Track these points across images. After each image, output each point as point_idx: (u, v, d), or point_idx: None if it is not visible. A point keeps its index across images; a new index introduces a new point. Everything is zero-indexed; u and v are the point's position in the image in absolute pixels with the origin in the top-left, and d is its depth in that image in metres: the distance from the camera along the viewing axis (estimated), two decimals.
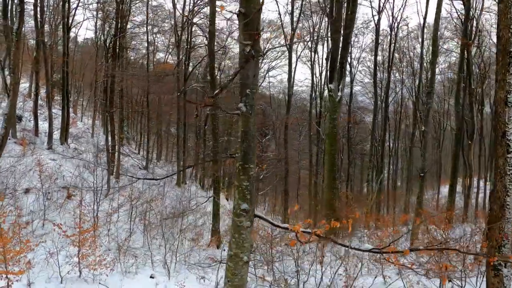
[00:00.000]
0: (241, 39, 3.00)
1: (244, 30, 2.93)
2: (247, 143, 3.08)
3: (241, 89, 3.06)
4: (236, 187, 3.18)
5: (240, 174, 3.12)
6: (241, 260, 3.20)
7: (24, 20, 12.48)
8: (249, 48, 2.89)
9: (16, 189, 10.81)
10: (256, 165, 11.91)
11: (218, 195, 14.44)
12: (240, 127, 3.11)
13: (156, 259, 10.20)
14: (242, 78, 3.00)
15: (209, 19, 12.69)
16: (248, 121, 3.07)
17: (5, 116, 12.25)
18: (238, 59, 3.10)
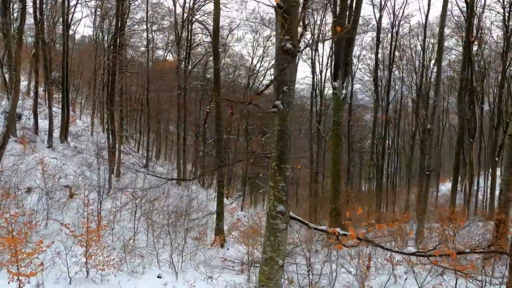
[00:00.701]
0: (279, 34, 2.89)
1: (283, 25, 2.83)
2: (283, 142, 2.97)
3: (278, 86, 2.95)
4: (271, 188, 3.06)
5: (276, 174, 3.02)
6: (276, 263, 3.09)
7: (25, 17, 12.30)
8: (288, 43, 2.80)
9: (20, 188, 10.67)
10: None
11: (223, 195, 14.35)
12: (276, 126, 3.00)
13: (162, 258, 10.11)
14: (278, 74, 2.89)
15: (214, 17, 12.56)
16: (285, 119, 2.96)
17: (6, 114, 12.09)
18: (275, 55, 3.00)
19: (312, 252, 7.50)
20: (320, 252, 8.31)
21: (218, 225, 13.77)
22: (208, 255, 11.33)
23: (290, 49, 2.86)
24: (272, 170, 3.06)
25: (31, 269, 5.57)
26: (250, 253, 9.14)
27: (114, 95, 18.84)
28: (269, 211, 3.10)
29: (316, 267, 7.47)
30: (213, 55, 12.78)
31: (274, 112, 2.93)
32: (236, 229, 16.43)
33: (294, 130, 19.21)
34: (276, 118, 2.97)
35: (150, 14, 25.87)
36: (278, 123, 2.97)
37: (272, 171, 3.06)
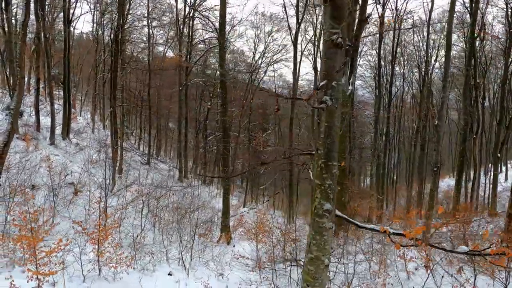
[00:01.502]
0: (328, 27, 2.82)
1: (332, 16, 2.75)
2: (331, 138, 2.91)
3: (326, 81, 2.88)
4: (317, 186, 3.00)
5: (323, 172, 2.96)
6: (322, 263, 3.03)
7: (30, 12, 12.11)
8: (337, 36, 2.72)
9: (27, 185, 10.58)
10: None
11: (229, 192, 14.29)
12: (323, 122, 2.93)
13: (170, 255, 10.07)
14: (327, 69, 2.82)
15: (220, 12, 12.44)
16: (333, 115, 2.90)
17: (11, 111, 11.96)
18: (323, 49, 2.92)
19: None
20: (334, 249, 8.27)
21: (224, 222, 13.72)
22: (216, 252, 11.30)
23: (340, 43, 2.79)
24: (318, 168, 2.99)
25: (49, 268, 5.50)
26: (270, 251, 9.05)
27: (116, 92, 18.71)
28: (315, 210, 3.03)
29: (331, 264, 7.43)
30: (219, 50, 12.65)
31: (322, 108, 2.87)
32: (241, 225, 16.41)
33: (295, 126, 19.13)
34: (324, 114, 2.90)
35: (151, 10, 25.65)
36: (325, 119, 2.90)
37: (318, 168, 2.99)
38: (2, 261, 7.03)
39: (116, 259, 7.47)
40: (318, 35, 24.09)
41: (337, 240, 12.24)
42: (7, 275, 5.43)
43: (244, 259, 9.83)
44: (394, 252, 8.04)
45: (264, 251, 10.09)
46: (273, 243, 8.97)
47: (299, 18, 21.22)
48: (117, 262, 7.40)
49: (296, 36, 21.25)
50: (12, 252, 7.21)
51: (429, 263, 6.83)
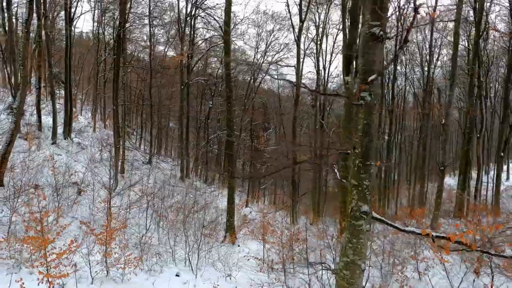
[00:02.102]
0: (367, 20, 2.71)
1: (373, 9, 2.64)
2: (369, 137, 2.79)
3: (364, 76, 2.77)
4: (354, 187, 2.88)
5: (360, 172, 2.83)
6: (358, 267, 2.91)
7: (33, 10, 11.99)
8: (378, 29, 2.62)
9: (35, 185, 10.47)
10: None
11: (234, 192, 14.18)
12: (361, 119, 2.81)
13: (177, 256, 9.97)
14: (365, 63, 2.71)
15: (225, 9, 12.31)
16: (371, 113, 2.79)
17: (15, 110, 11.85)
18: (361, 42, 2.80)
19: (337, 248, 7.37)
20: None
21: (229, 222, 13.61)
22: (222, 252, 11.20)
23: (381, 36, 2.67)
24: (355, 168, 2.87)
25: (59, 270, 5.39)
26: (280, 252, 8.92)
27: (118, 91, 18.58)
28: (351, 212, 2.92)
29: None
30: (225, 48, 12.51)
31: (360, 105, 2.76)
32: (245, 226, 16.32)
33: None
34: (361, 111, 2.78)
35: (152, 9, 25.48)
36: (363, 116, 2.78)
37: (355, 168, 2.87)
38: (9, 262, 6.92)
39: (124, 260, 7.36)
40: (321, 34, 24.00)
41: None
42: (17, 277, 5.32)
43: (253, 260, 9.73)
44: (406, 253, 7.95)
45: (273, 252, 9.99)
46: (283, 243, 8.87)
47: (302, 17, 21.10)
48: (126, 263, 7.29)
49: (299, 35, 21.13)
50: (18, 253, 7.10)
51: (478, 268, 6.66)
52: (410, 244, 9.29)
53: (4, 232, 8.47)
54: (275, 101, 38.77)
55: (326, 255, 6.94)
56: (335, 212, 28.42)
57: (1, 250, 6.80)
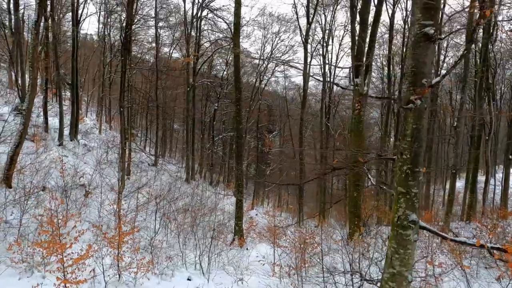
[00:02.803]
0: (418, 18, 2.58)
1: (425, 7, 2.52)
2: (419, 142, 2.67)
3: (414, 79, 2.65)
4: (401, 194, 2.76)
5: (409, 179, 2.71)
6: (405, 279, 2.77)
7: (43, 12, 11.97)
8: (431, 29, 2.50)
9: (43, 187, 10.40)
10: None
11: (242, 195, 14.06)
12: (410, 124, 2.68)
13: (187, 259, 9.87)
14: (416, 65, 2.59)
15: (235, 11, 12.24)
16: (421, 117, 2.67)
17: (22, 111, 11.80)
18: (411, 42, 2.68)
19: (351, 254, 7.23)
20: None
21: (238, 225, 13.50)
22: (231, 255, 11.09)
23: (433, 36, 2.56)
24: (402, 174, 2.74)
25: (75, 275, 5.30)
26: (298, 257, 8.77)
27: (125, 92, 18.54)
28: (398, 221, 2.78)
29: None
30: (234, 50, 12.44)
31: (410, 109, 2.64)
32: (252, 229, 16.21)
33: (298, 126, 18.83)
34: (411, 116, 2.66)
35: (158, 10, 25.48)
36: (413, 121, 2.66)
37: (402, 175, 2.74)
38: (21, 266, 6.84)
39: (136, 264, 7.26)
40: (327, 36, 23.90)
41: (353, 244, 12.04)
42: (34, 282, 5.23)
43: (265, 264, 9.60)
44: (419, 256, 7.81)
45: (285, 255, 9.86)
46: (296, 247, 8.74)
47: (309, 18, 21.02)
48: (138, 267, 7.19)
49: (306, 37, 21.05)
50: (30, 257, 7.02)
51: (502, 275, 6.49)
52: (420, 248, 9.17)
53: (14, 235, 8.41)
54: (280, 103, 38.70)
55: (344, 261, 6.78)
56: (342, 215, 28.29)
57: (13, 253, 6.72)
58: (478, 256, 7.80)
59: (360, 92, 13.34)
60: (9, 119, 15.37)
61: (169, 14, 27.19)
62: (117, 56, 27.52)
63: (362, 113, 13.57)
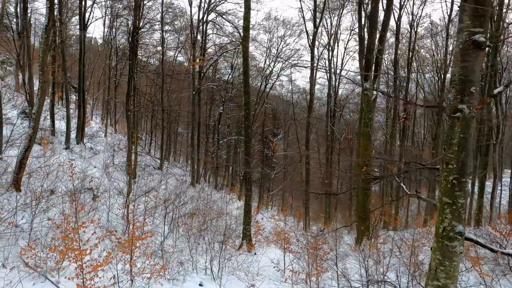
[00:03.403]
0: (467, 26, 2.54)
1: (474, 13, 2.46)
2: (466, 152, 2.61)
3: (462, 87, 2.60)
4: (446, 204, 2.69)
5: (455, 189, 2.65)
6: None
7: (53, 16, 11.98)
8: (480, 36, 2.45)
9: (51, 190, 10.37)
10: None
11: (250, 199, 14.00)
12: (457, 133, 2.63)
13: (198, 264, 9.82)
14: (464, 73, 2.54)
15: (244, 15, 12.24)
16: (469, 126, 2.61)
17: (33, 115, 11.79)
18: (459, 50, 2.63)
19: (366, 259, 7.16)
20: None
21: (246, 230, 13.43)
22: (241, 260, 11.02)
23: (482, 43, 2.51)
24: (448, 184, 2.68)
25: (93, 282, 5.25)
26: (313, 262, 8.68)
27: (130, 97, 18.55)
28: (444, 232, 2.70)
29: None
30: (243, 54, 12.42)
31: (457, 117, 2.59)
32: (259, 233, 16.12)
33: (302, 130, 18.73)
34: (458, 124, 2.61)
35: (164, 15, 25.54)
36: (460, 130, 2.61)
37: (448, 185, 2.68)
38: (34, 271, 6.79)
39: (149, 270, 7.21)
40: (333, 40, 23.90)
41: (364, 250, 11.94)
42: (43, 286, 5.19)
43: (277, 269, 9.53)
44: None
45: (294, 260, 9.79)
46: (310, 253, 8.66)
47: (316, 22, 21.03)
48: (151, 272, 7.13)
49: (313, 40, 21.04)
50: (43, 262, 6.97)
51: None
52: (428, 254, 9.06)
53: (25, 239, 8.37)
54: (284, 107, 38.69)
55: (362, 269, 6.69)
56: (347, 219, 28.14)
57: (27, 258, 6.67)
58: (494, 263, 7.71)
59: (370, 96, 13.31)
60: (17, 122, 15.41)
61: (175, 18, 27.25)
62: (123, 60, 27.60)
63: (372, 116, 13.52)
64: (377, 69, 13.38)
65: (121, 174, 17.15)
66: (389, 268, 6.53)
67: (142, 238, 7.34)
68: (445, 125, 2.76)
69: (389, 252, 7.30)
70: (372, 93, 13.16)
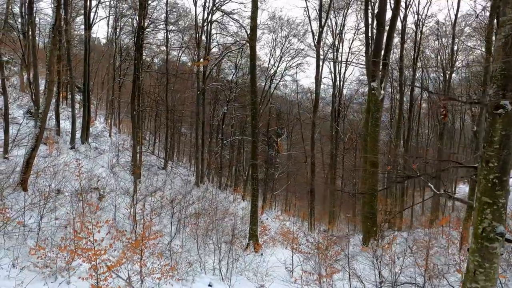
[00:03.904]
0: (511, 18, 2.45)
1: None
2: (508, 150, 2.53)
3: (505, 82, 2.52)
4: (486, 205, 2.62)
5: (496, 188, 2.58)
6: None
7: (60, 15, 11.96)
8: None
9: (57, 190, 10.33)
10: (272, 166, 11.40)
11: (257, 199, 13.92)
12: (498, 130, 2.56)
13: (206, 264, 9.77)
14: (507, 67, 2.47)
15: (251, 14, 12.18)
16: (511, 123, 2.53)
17: (40, 115, 11.75)
18: (501, 44, 2.55)
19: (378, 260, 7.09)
20: None
21: (253, 229, 13.37)
22: (248, 261, 10.96)
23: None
24: (488, 184, 2.61)
25: (107, 283, 5.20)
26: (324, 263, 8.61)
27: (137, 96, 18.53)
28: (483, 233, 2.62)
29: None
30: (250, 53, 12.35)
31: (499, 114, 2.52)
32: (265, 233, 16.06)
33: (306, 130, 18.61)
34: (499, 121, 2.53)
35: (168, 14, 25.50)
36: (502, 127, 2.53)
37: (488, 184, 2.61)
38: (44, 271, 6.75)
39: (160, 270, 7.15)
40: (338, 40, 23.83)
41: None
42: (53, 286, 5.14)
43: (290, 270, 9.46)
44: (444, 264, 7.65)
45: (301, 260, 9.71)
46: (321, 253, 8.58)
47: (321, 22, 20.96)
48: (162, 273, 7.08)
49: (319, 40, 20.97)
50: (53, 262, 6.93)
51: None
52: (443, 255, 8.98)
53: (33, 239, 8.33)
54: (288, 107, 38.64)
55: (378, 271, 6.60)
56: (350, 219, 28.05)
57: (38, 258, 6.63)
58: (507, 264, 7.62)
59: (377, 95, 13.23)
60: (23, 122, 15.40)
61: (179, 18, 27.21)
62: (128, 59, 27.58)
63: (379, 116, 13.45)
64: (385, 69, 13.29)
65: (127, 174, 17.13)
66: (403, 269, 6.46)
67: (153, 238, 7.29)
68: (485, 122, 2.67)
69: (402, 253, 7.22)
70: (379, 93, 13.08)
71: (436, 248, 9.11)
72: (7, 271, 6.20)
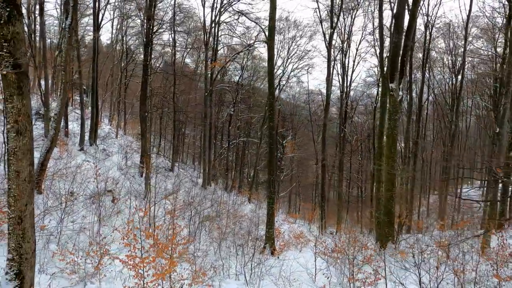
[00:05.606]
0: None
1: None
2: None
3: None
4: None
5: None
6: None
7: (77, 15, 11.78)
8: None
9: (71, 192, 10.11)
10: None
11: (273, 201, 13.72)
12: None
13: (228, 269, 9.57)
14: None
15: (270, 15, 12.01)
16: None
17: (54, 116, 11.54)
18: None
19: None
20: None
21: (269, 232, 13.17)
22: (268, 265, 10.74)
23: None
24: None
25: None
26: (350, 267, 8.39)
27: (146, 98, 18.35)
28: None
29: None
30: (268, 53, 12.16)
31: None
32: (280, 237, 15.87)
33: (309, 131, 18.36)
34: None
35: (176, 15, 25.34)
36: None
37: None
38: (73, 277, 6.54)
39: (192, 276, 6.94)
40: (347, 41, 23.70)
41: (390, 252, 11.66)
42: None
43: (325, 275, 9.21)
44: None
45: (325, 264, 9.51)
46: (350, 259, 8.35)
47: (333, 23, 20.82)
48: (193, 279, 6.86)
49: (330, 41, 20.82)
50: (81, 267, 6.72)
51: None
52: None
53: (54, 243, 8.11)
54: (292, 108, 38.56)
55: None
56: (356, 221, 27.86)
57: (66, 264, 6.41)
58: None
59: (396, 97, 13.06)
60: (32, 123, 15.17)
61: (187, 20, 27.05)
62: (135, 61, 27.44)
63: (397, 117, 13.28)
64: (403, 70, 13.14)
65: (137, 176, 16.93)
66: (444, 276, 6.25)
67: (183, 243, 7.08)
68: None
69: (447, 262, 6.99)
70: (397, 94, 12.92)
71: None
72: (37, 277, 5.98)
